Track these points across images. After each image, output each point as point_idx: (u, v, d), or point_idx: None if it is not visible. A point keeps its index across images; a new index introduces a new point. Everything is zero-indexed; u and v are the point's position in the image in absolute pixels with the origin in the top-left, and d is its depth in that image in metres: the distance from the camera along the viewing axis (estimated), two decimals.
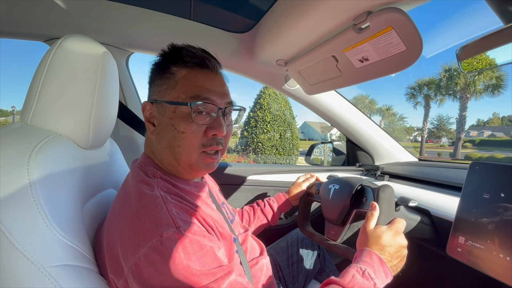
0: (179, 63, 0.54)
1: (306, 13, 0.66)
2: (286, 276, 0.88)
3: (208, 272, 0.42)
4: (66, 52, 0.53)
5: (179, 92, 0.52)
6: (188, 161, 0.54)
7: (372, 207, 0.64)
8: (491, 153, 22.67)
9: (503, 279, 0.51)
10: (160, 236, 0.41)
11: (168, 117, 0.52)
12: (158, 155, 0.56)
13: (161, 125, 0.54)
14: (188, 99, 0.51)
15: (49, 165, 0.47)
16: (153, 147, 0.57)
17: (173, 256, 0.41)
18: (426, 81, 23.10)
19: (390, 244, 0.58)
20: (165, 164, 0.56)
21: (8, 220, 0.41)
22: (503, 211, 0.55)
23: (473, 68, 0.60)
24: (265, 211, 0.93)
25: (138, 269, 0.41)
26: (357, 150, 1.42)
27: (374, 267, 0.53)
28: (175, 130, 0.52)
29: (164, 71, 0.54)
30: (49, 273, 0.41)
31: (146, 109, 0.56)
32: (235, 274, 0.44)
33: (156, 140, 0.55)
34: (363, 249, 0.58)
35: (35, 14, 0.85)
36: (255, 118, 9.14)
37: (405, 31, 0.56)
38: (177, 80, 0.53)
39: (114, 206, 0.52)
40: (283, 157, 9.25)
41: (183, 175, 0.58)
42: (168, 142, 0.53)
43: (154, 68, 0.57)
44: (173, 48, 0.56)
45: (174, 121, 0.52)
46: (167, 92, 0.53)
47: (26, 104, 0.53)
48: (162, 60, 0.56)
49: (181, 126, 0.51)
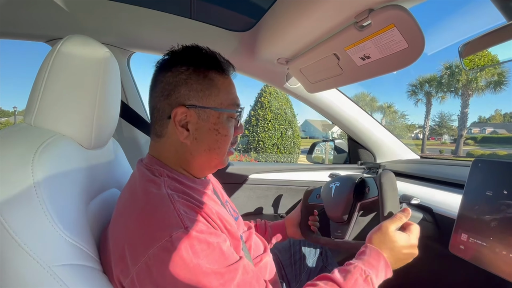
0: (217, 70, 0.56)
1: (307, 11, 0.66)
2: (289, 275, 0.88)
3: (217, 271, 0.42)
4: (68, 52, 0.53)
5: (222, 99, 0.55)
6: (220, 160, 0.58)
7: (405, 212, 0.61)
8: (493, 150, 22.57)
9: (506, 276, 0.51)
10: (170, 236, 0.42)
11: (211, 122, 0.55)
12: (190, 159, 0.55)
13: (201, 129, 0.54)
14: (230, 106, 0.56)
15: (53, 165, 0.47)
16: (181, 151, 0.55)
17: (182, 255, 0.41)
18: (427, 78, 22.95)
19: (403, 252, 0.58)
20: (192, 166, 0.57)
21: (13, 220, 0.41)
22: (506, 208, 0.55)
23: (475, 65, 0.59)
24: (259, 224, 0.91)
25: (148, 269, 0.41)
26: (359, 148, 1.42)
27: (378, 270, 0.54)
28: (219, 134, 0.55)
29: (203, 76, 0.54)
30: (54, 272, 0.42)
31: (178, 113, 0.53)
32: (241, 273, 0.45)
33: (192, 144, 0.55)
34: (373, 248, 0.57)
35: (36, 15, 0.86)
36: (256, 116, 9.12)
37: (407, 29, 0.56)
38: (219, 87, 0.55)
39: (120, 205, 0.52)
40: (285, 156, 9.24)
41: (198, 174, 0.59)
42: (208, 145, 0.55)
43: (183, 69, 0.54)
44: (205, 53, 0.57)
45: (218, 126, 0.55)
46: (211, 98, 0.54)
47: (29, 105, 0.53)
48: (195, 64, 0.54)
49: (224, 130, 0.56)
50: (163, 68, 0.56)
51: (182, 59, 0.55)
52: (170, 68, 0.55)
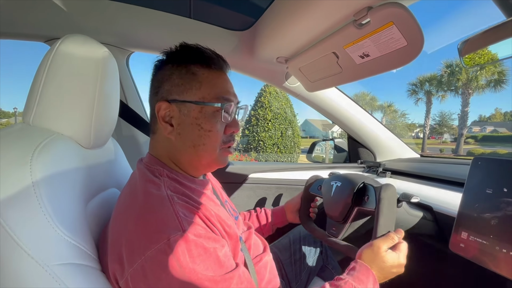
0: (201, 63, 0.55)
1: (306, 10, 0.66)
2: (289, 274, 0.88)
3: (211, 278, 0.43)
4: (66, 52, 0.53)
5: (204, 92, 0.54)
6: (210, 158, 0.56)
7: (398, 233, 0.64)
8: (494, 149, 22.55)
9: (506, 274, 0.51)
10: (168, 239, 0.42)
11: (193, 116, 0.54)
12: (177, 155, 0.56)
13: (183, 124, 0.54)
14: (214, 100, 0.54)
15: (52, 164, 0.47)
16: (168, 147, 0.56)
17: (179, 258, 0.41)
18: (427, 77, 22.92)
19: (391, 272, 0.60)
20: (182, 163, 0.57)
21: (12, 219, 0.41)
22: (506, 206, 0.54)
23: (475, 63, 0.59)
24: (260, 216, 0.93)
25: (144, 271, 0.41)
26: (359, 147, 1.42)
27: (366, 287, 0.55)
28: (202, 129, 0.54)
29: (186, 71, 0.54)
30: (53, 272, 0.42)
31: (161, 108, 0.54)
32: (236, 282, 0.45)
33: (176, 140, 0.55)
34: (363, 264, 0.59)
35: (35, 15, 0.86)
36: (256, 116, 9.13)
37: (406, 26, 0.56)
38: (201, 80, 0.54)
39: (119, 205, 0.52)
40: (285, 155, 9.25)
41: (194, 173, 0.59)
42: (192, 141, 0.54)
43: (169, 66, 0.55)
44: (190, 48, 0.56)
45: (200, 121, 0.54)
46: (191, 92, 0.54)
47: (28, 105, 0.53)
48: (179, 59, 0.55)
49: (207, 125, 0.54)
50: (155, 68, 0.58)
51: (170, 57, 0.57)
52: (161, 65, 0.57)
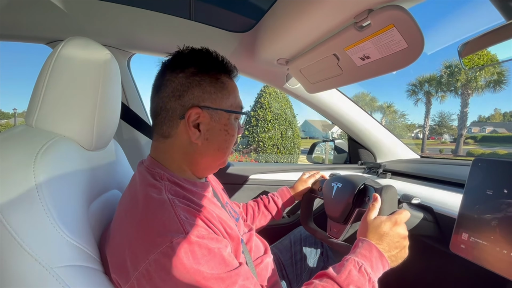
0: (225, 73, 0.59)
1: (307, 12, 0.66)
2: (290, 275, 0.88)
3: (217, 276, 0.43)
4: (68, 54, 0.53)
5: (231, 101, 0.58)
6: (225, 159, 0.61)
7: (374, 198, 0.66)
8: (493, 149, 22.54)
9: (507, 275, 0.52)
10: (170, 242, 0.42)
11: (222, 123, 0.57)
12: (198, 158, 0.57)
13: (213, 130, 0.56)
14: (238, 108, 0.60)
15: (55, 166, 0.47)
16: (188, 151, 0.56)
17: (183, 261, 0.41)
18: (427, 77, 22.93)
19: (388, 233, 0.59)
20: (199, 165, 0.58)
21: (16, 221, 0.41)
22: (506, 207, 0.55)
23: (474, 64, 0.59)
24: (269, 207, 0.94)
25: (149, 275, 0.41)
26: (359, 148, 1.42)
27: (372, 261, 0.54)
28: (228, 134, 0.58)
29: (216, 80, 0.56)
30: (57, 273, 0.42)
31: (192, 114, 0.53)
32: (242, 279, 0.45)
33: (202, 144, 0.56)
34: (362, 240, 0.59)
35: (36, 17, 0.86)
36: (256, 117, 9.12)
37: (406, 29, 0.56)
38: (229, 90, 0.58)
39: (121, 209, 0.52)
40: (285, 156, 9.24)
41: (202, 175, 0.61)
42: (218, 145, 0.58)
43: (194, 71, 0.55)
44: (216, 57, 0.58)
45: (228, 127, 0.58)
46: (223, 100, 0.57)
47: (31, 107, 0.53)
48: (206, 67, 0.56)
49: (232, 130, 0.59)
50: (172, 69, 0.55)
51: (194, 61, 0.56)
52: (182, 68, 0.55)
